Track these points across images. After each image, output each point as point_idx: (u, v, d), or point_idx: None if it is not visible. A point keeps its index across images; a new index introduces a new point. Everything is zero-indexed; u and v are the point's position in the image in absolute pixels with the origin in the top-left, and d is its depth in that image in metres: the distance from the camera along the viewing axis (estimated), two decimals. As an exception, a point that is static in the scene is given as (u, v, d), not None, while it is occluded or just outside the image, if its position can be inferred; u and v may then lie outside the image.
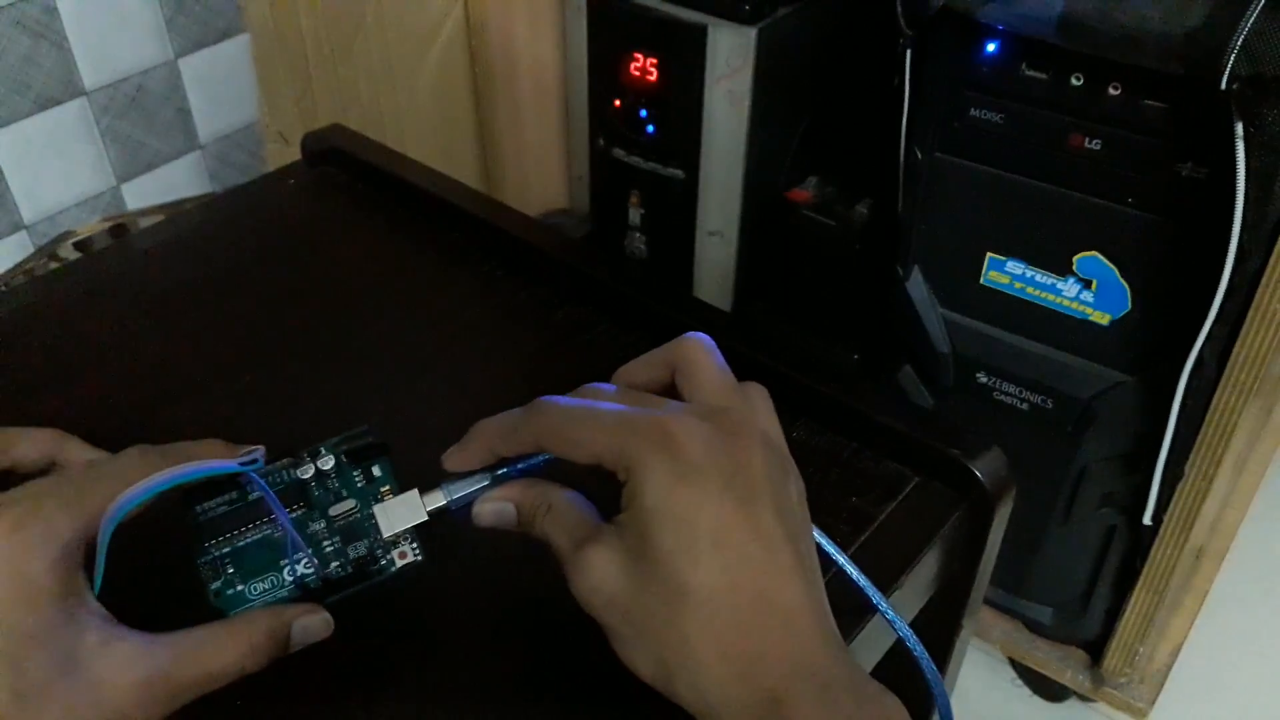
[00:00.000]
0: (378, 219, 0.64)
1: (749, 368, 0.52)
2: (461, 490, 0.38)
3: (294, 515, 0.39)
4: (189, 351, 0.54)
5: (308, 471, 0.39)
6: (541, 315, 0.57)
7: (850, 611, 0.40)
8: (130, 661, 0.32)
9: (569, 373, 0.54)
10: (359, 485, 0.40)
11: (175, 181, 0.96)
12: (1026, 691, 1.17)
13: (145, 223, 0.88)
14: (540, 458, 0.37)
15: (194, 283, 0.59)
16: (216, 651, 0.34)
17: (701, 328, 0.54)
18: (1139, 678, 1.05)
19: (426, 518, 0.38)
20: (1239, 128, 0.71)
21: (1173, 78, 0.72)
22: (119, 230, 0.87)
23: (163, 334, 0.55)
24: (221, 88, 0.96)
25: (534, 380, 0.53)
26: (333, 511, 0.39)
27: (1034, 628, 1.11)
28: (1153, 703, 1.06)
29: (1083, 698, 1.12)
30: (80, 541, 0.33)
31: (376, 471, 0.40)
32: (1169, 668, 1.04)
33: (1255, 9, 0.69)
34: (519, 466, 0.38)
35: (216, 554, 0.38)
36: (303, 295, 0.58)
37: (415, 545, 0.39)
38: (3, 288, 0.79)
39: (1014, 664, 1.16)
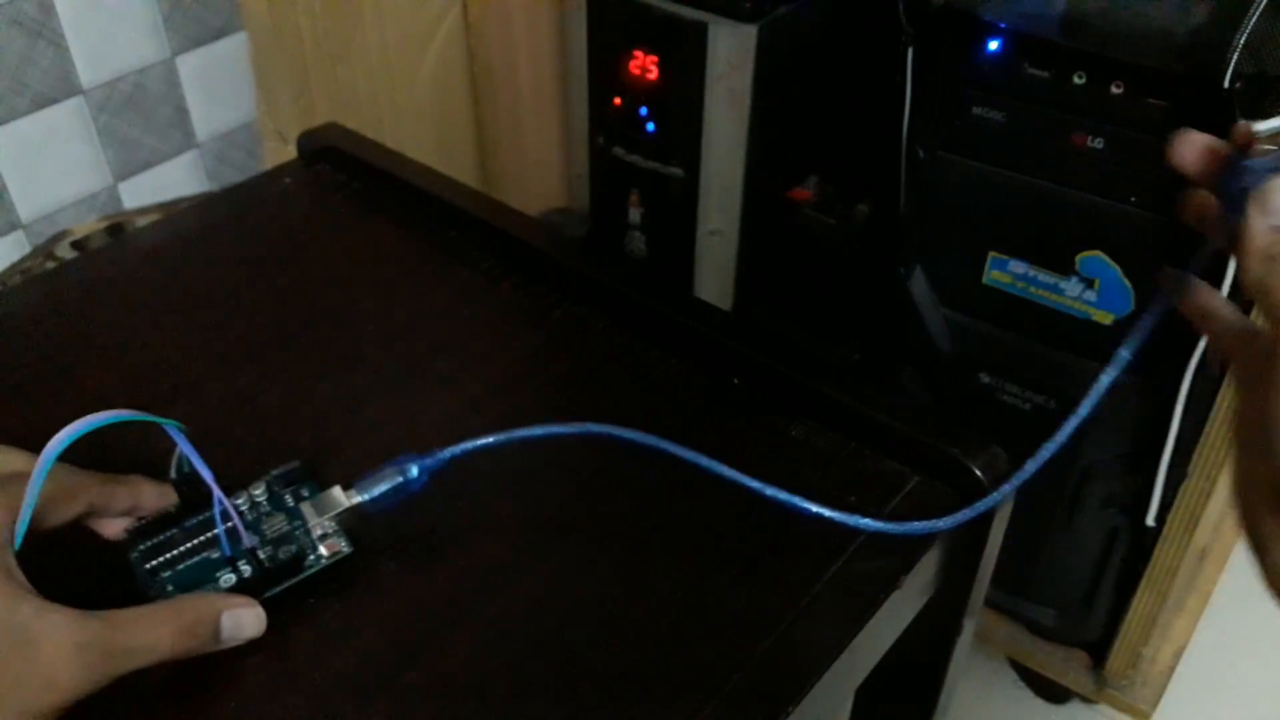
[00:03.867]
0: (375, 218, 0.63)
1: (749, 368, 0.52)
2: (376, 488, 0.40)
3: (228, 530, 0.41)
4: (186, 351, 0.54)
5: (240, 497, 0.42)
6: (539, 314, 0.56)
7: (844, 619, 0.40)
8: (65, 627, 0.34)
9: (567, 372, 0.54)
10: (289, 505, 0.42)
11: (172, 180, 0.96)
12: (1029, 693, 1.16)
13: (142, 222, 0.88)
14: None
15: (191, 282, 0.59)
16: (148, 625, 0.36)
17: (701, 327, 0.54)
18: (1142, 680, 1.05)
19: (350, 504, 0.40)
20: (1242, 126, 0.70)
21: (1176, 76, 0.72)
22: (116, 229, 0.87)
23: (159, 333, 0.55)
24: (219, 86, 0.96)
25: (531, 379, 0.53)
26: (265, 527, 0.41)
27: (1036, 629, 1.10)
28: (1156, 705, 1.05)
29: (1085, 700, 1.12)
30: (11, 529, 0.35)
31: (305, 493, 0.42)
32: (1172, 669, 1.03)
33: (1258, 7, 0.68)
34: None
35: (159, 577, 0.39)
36: (300, 294, 0.58)
37: (343, 539, 0.41)
38: (0, 287, 0.79)
39: (1016, 665, 1.16)
